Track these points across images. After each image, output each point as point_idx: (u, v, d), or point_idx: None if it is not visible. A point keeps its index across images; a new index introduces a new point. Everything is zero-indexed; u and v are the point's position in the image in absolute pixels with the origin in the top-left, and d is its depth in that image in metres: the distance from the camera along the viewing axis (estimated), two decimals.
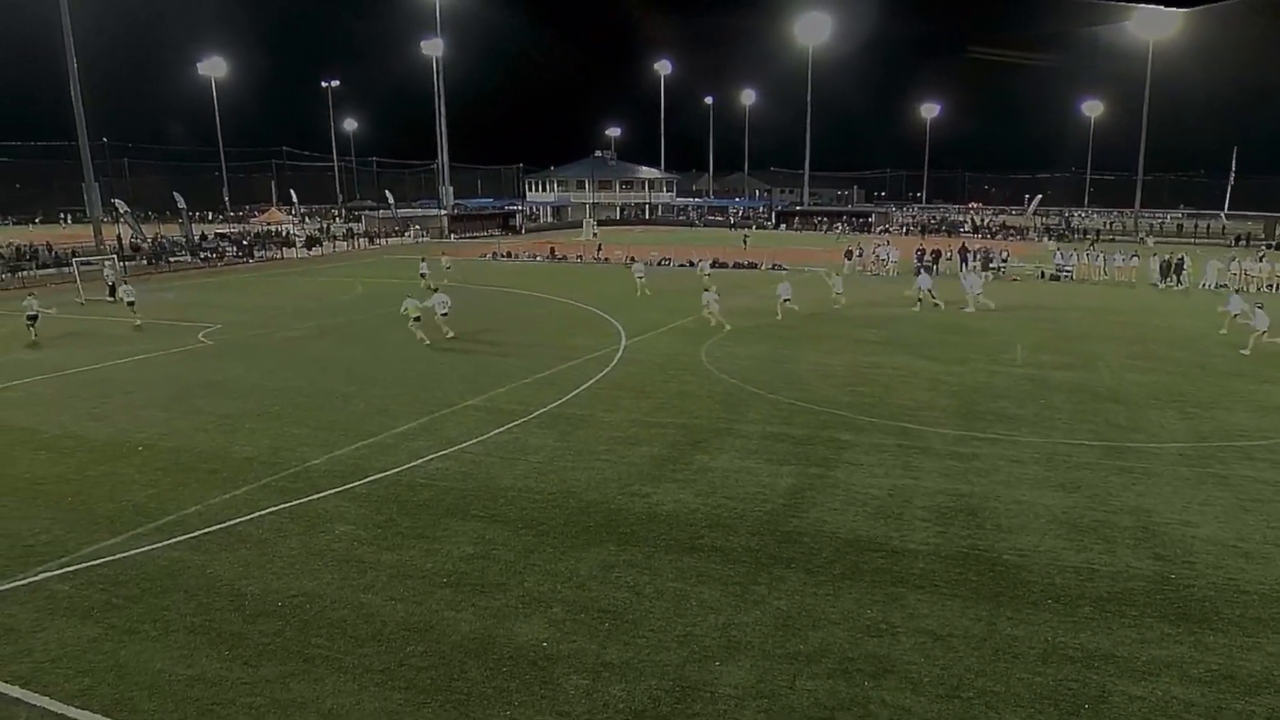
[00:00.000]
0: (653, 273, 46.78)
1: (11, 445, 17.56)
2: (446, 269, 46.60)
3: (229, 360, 25.96)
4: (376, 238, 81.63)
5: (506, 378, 22.82)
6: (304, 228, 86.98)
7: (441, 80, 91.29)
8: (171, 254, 60.64)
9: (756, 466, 15.76)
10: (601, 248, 61.84)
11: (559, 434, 17.73)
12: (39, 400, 21.32)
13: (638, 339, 28.41)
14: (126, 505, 14.20)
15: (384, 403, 20.45)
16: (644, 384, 22.09)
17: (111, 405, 20.65)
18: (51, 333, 30.45)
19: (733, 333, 29.52)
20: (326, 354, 26.73)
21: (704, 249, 58.46)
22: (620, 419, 18.81)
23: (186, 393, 21.77)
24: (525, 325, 31.70)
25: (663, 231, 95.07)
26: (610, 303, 36.52)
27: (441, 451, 16.65)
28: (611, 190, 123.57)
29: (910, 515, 13.59)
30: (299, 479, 15.29)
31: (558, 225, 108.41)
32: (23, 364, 25.65)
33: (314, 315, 34.12)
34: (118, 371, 24.61)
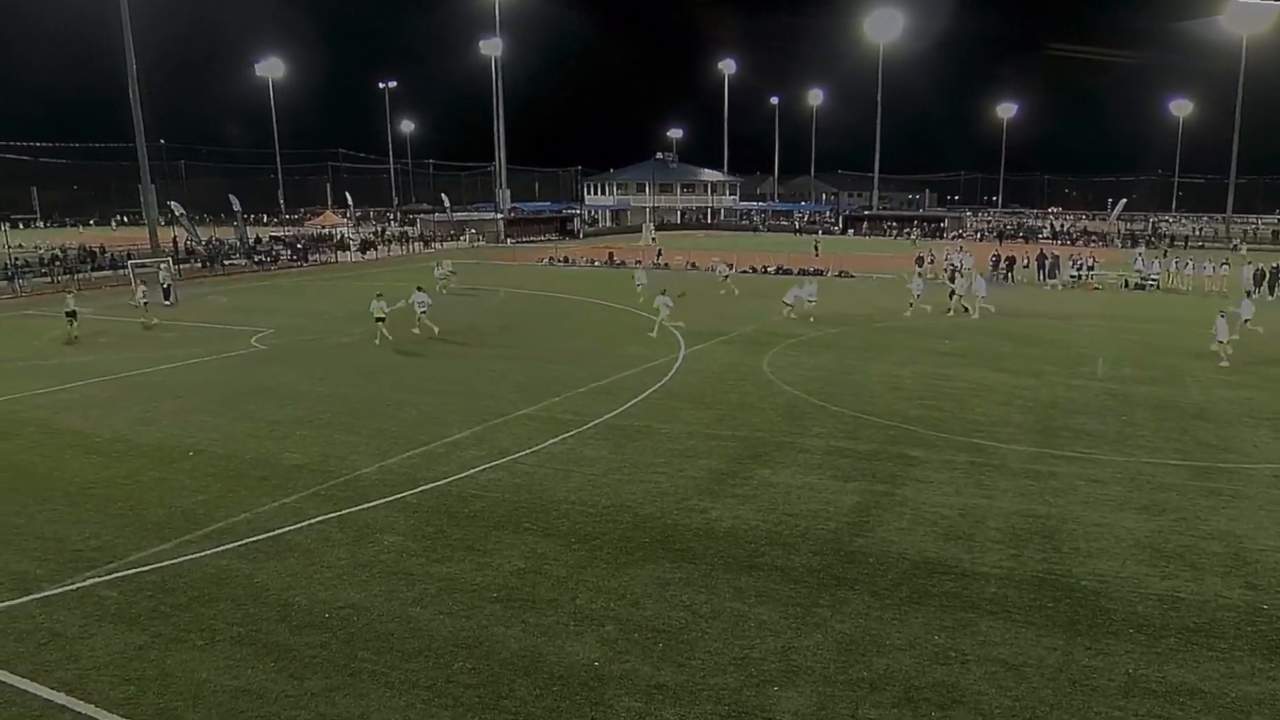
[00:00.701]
0: (715, 281, 46.70)
1: (63, 449, 18.07)
2: (446, 276, 45.72)
3: (281, 365, 26.44)
4: (432, 241, 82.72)
5: (561, 386, 22.91)
6: (358, 231, 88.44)
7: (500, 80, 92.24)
8: (226, 257, 62.05)
9: (820, 482, 15.59)
10: (661, 253, 61.83)
11: (614, 445, 17.74)
12: (91, 403, 21.91)
13: (697, 348, 28.35)
14: (176, 511, 14.51)
15: (436, 411, 20.64)
16: (703, 394, 22.02)
17: (163, 409, 21.15)
18: (105, 335, 31.30)
19: (797, 343, 29.30)
20: (377, 361, 27.08)
21: (772, 255, 58.15)
22: (678, 431, 18.76)
23: (238, 397, 22.21)
24: (581, 332, 31.81)
25: (725, 236, 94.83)
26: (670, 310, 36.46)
27: (494, 462, 16.75)
28: (672, 194, 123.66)
29: (982, 537, 13.33)
30: (349, 487, 15.49)
31: (617, 229, 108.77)
32: (76, 367, 26.40)
33: (366, 321, 34.54)
34: (170, 375, 25.21)
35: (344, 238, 78.82)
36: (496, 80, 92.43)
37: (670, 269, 57.70)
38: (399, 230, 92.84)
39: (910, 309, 35.50)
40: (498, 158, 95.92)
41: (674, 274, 54.93)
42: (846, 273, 52.19)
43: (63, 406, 21.63)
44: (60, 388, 23.65)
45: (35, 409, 21.40)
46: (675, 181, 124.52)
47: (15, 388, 23.69)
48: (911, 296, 36.04)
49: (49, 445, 18.36)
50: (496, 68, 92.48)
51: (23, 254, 57.26)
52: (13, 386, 23.83)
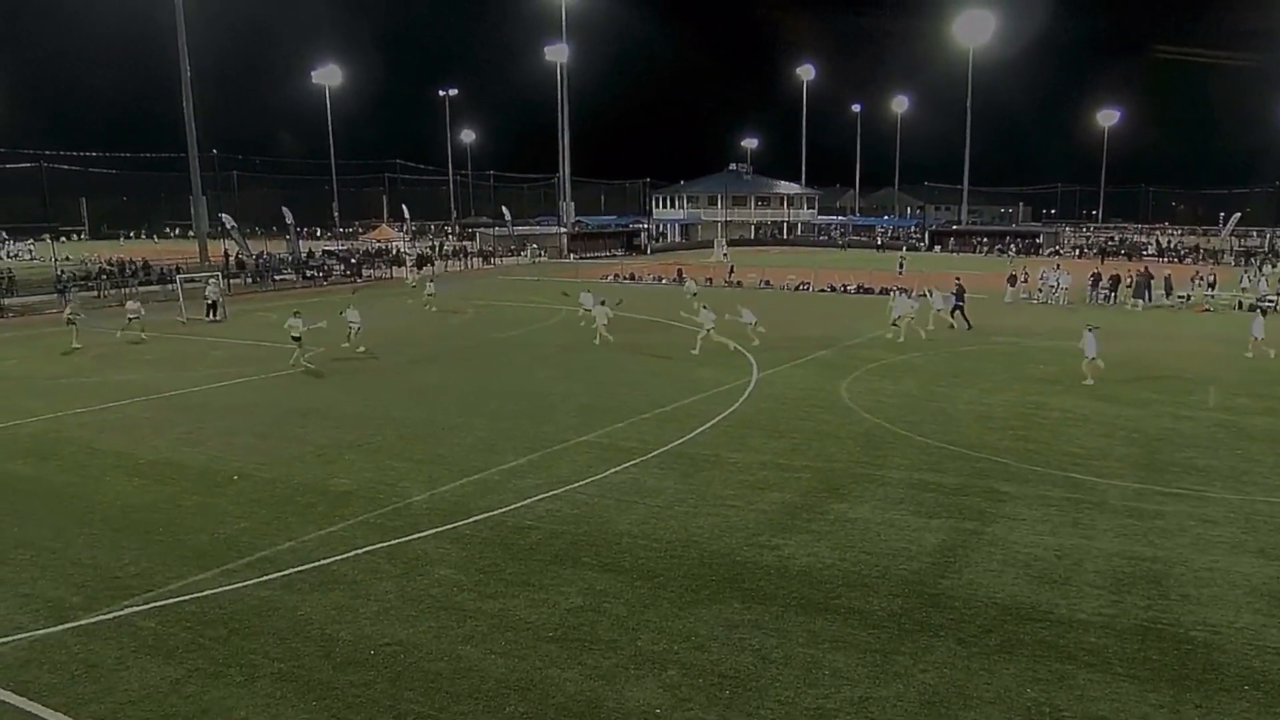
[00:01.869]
0: (790, 299, 46.44)
1: (105, 470, 18.53)
2: (429, 295, 46.32)
3: (330, 386, 26.85)
4: (492, 257, 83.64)
5: (624, 411, 22.92)
6: (415, 246, 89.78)
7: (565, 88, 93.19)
8: (276, 272, 63.38)
9: (902, 518, 15.35)
10: (734, 270, 61.74)
11: (681, 475, 17.67)
12: (134, 423, 22.47)
13: (771, 371, 28.19)
14: (219, 538, 14.76)
15: (492, 436, 20.78)
16: (776, 422, 21.87)
17: (207, 431, 21.60)
18: (149, 353, 32.14)
19: (878, 367, 28.98)
20: (433, 382, 27.38)
21: (852, 273, 57.66)
22: (749, 460, 18.64)
23: (285, 419, 22.60)
24: (647, 354, 31.81)
25: (803, 252, 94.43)
26: (742, 331, 36.32)
27: (552, 491, 16.78)
28: (746, 207, 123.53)
29: (1080, 580, 12.97)
30: (399, 516, 15.61)
31: (686, 245, 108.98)
32: (120, 385, 27.11)
33: (420, 340, 35.04)
34: (216, 395, 25.76)
35: (399, 253, 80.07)
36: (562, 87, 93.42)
37: (743, 287, 57.56)
38: (457, 244, 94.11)
39: (894, 331, 35.08)
40: (562, 169, 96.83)
41: (747, 292, 54.80)
42: (931, 292, 51.36)
43: (106, 426, 22.21)
44: (103, 406, 24.29)
45: (78, 428, 22.01)
46: (749, 194, 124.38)
47: (57, 405, 24.39)
48: (893, 315, 35.57)
49: (90, 466, 18.84)
50: (562, 75, 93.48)
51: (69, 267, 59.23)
52: (55, 404, 24.54)
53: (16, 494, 17.29)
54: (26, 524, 15.60)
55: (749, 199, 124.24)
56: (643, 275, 63.85)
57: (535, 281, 61.37)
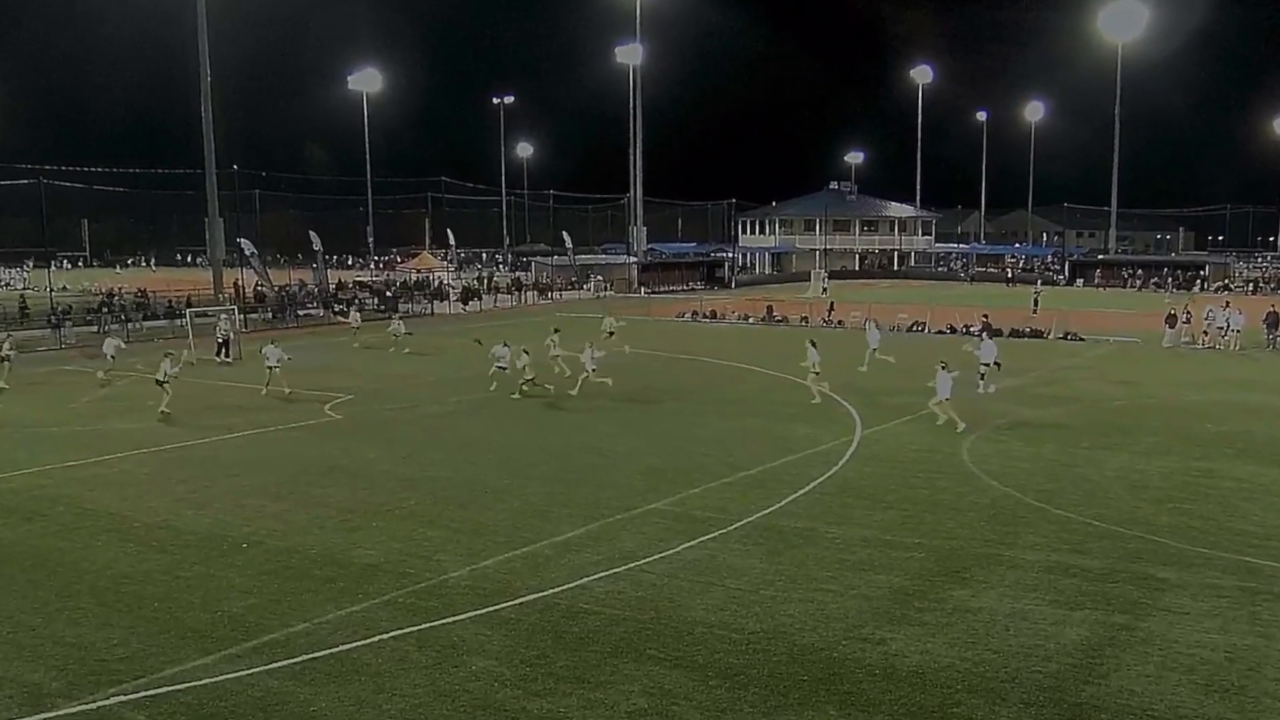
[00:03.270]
0: (902, 343, 46.06)
1: (95, 534, 18.81)
2: (406, 334, 47.46)
3: (358, 439, 27.08)
4: (549, 290, 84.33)
5: (701, 474, 22.76)
6: (460, 277, 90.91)
7: (639, 94, 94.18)
8: (300, 305, 64.59)
9: (1036, 609, 14.96)
10: (834, 307, 61.44)
11: (768, 553, 17.44)
12: (131, 480, 22.84)
13: (878, 428, 27.89)
14: (222, 617, 14.83)
15: (544, 501, 20.75)
16: (884, 489, 21.58)
17: (214, 490, 21.86)
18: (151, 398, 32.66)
19: (1008, 424, 28.46)
20: (477, 436, 27.51)
21: (975, 310, 57.00)
22: (850, 536, 18.36)
23: (304, 478, 22.81)
24: (729, 406, 31.67)
25: (916, 287, 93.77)
26: (843, 379, 36.02)
27: (613, 569, 16.64)
28: (849, 233, 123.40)
29: (1258, 690, 12.51)
30: (432, 595, 15.58)
31: (778, 277, 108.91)
32: (117, 435, 27.66)
33: (465, 387, 35.28)
34: (225, 448, 26.14)
35: (442, 284, 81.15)
36: (634, 93, 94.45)
37: (844, 327, 57.17)
38: (510, 276, 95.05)
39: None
40: (633, 188, 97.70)
41: (850, 334, 54.39)
42: (1074, 335, 50.70)
43: (98, 483, 22.60)
44: (97, 459, 24.77)
45: (67, 484, 22.44)
46: (853, 217, 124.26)
47: (47, 457, 24.92)
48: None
49: (79, 529, 19.15)
50: (635, 79, 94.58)
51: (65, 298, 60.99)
52: (44, 456, 25.08)
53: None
54: (2, 595, 15.81)
55: (853, 223, 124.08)
56: (726, 313, 63.82)
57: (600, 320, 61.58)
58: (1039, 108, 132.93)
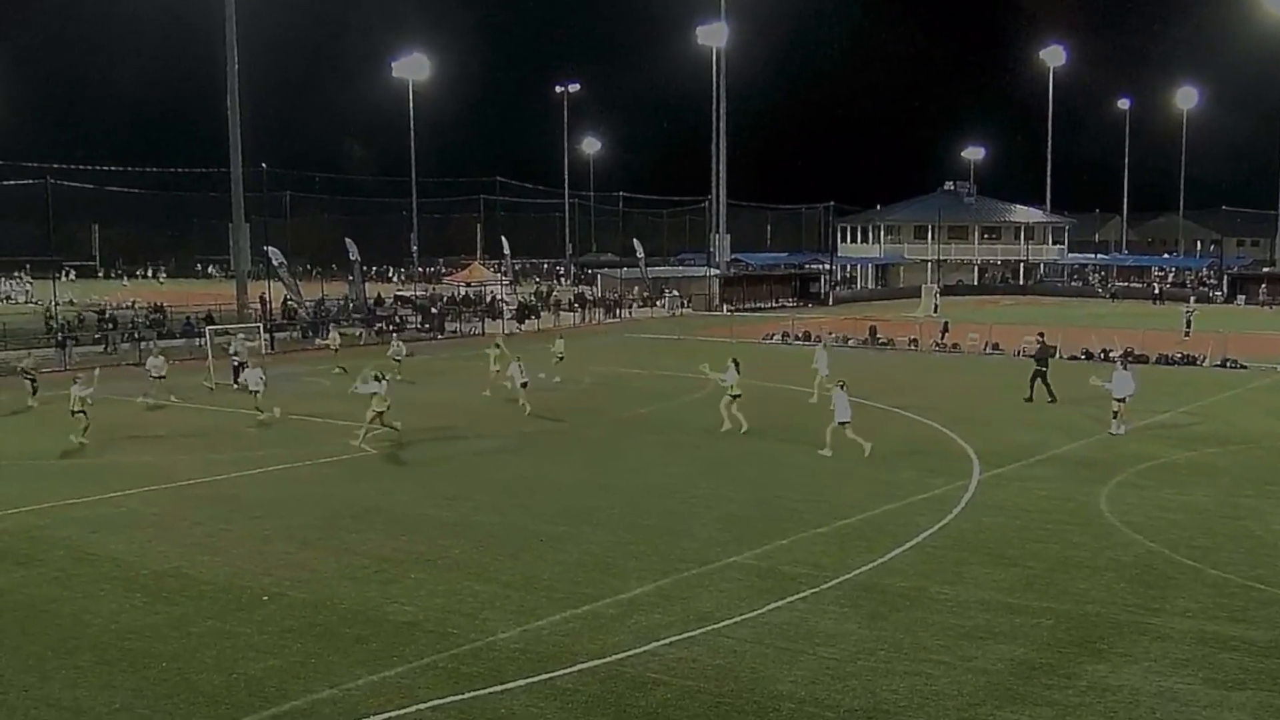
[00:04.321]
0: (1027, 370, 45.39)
1: (98, 581, 19.05)
2: (405, 357, 47.77)
3: (395, 478, 27.25)
4: (617, 307, 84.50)
5: (790, 523, 22.61)
6: (516, 291, 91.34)
7: (723, 81, 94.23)
8: (335, 322, 65.33)
9: (1188, 689, 14.65)
10: (948, 328, 60.89)
11: (867, 616, 17.25)
12: (139, 521, 23.13)
13: (998, 471, 27.57)
14: (238, 680, 14.90)
15: (607, 552, 20.70)
16: (1005, 543, 21.31)
17: (232, 534, 22.07)
18: (163, 427, 33.24)
19: (1154, 467, 27.98)
20: (530, 475, 27.58)
21: (1116, 333, 56.15)
22: (965, 598, 18.12)
23: (333, 522, 22.97)
24: (823, 442, 31.42)
25: (1046, 304, 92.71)
26: (959, 413, 35.66)
27: (687, 633, 16.52)
28: (967, 241, 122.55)
29: None
30: (477, 659, 15.56)
31: (883, 293, 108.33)
32: (125, 469, 28.08)
33: (517, 418, 35.39)
34: (245, 486, 26.41)
35: (495, 300, 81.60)
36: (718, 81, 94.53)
37: (960, 351, 56.67)
38: (573, 290, 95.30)
39: None
40: (715, 189, 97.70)
41: (965, 358, 53.95)
42: (1235, 362, 49.73)
43: (102, 523, 22.93)
44: (101, 497, 25.13)
45: (68, 525, 22.77)
46: (972, 223, 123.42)
47: (45, 494, 25.31)
48: None
49: (79, 577, 19.39)
50: (718, 63, 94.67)
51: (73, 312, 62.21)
52: (42, 493, 25.47)
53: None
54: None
55: (971, 230, 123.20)
56: (821, 334, 63.49)
57: (676, 342, 61.69)
58: (1192, 94, 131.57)
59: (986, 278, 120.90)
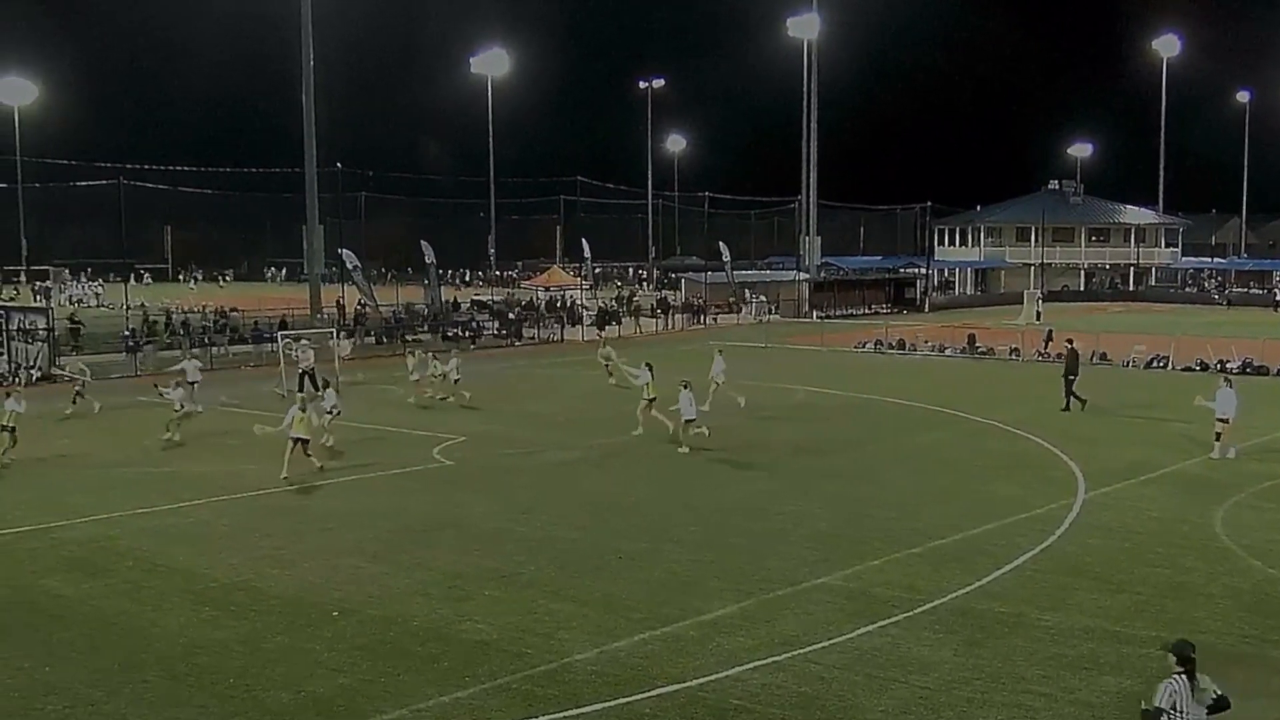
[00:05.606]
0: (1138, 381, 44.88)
1: (166, 594, 19.41)
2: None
3: (471, 490, 27.42)
4: (702, 313, 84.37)
5: (883, 543, 22.49)
6: (596, 296, 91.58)
7: (814, 75, 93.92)
8: (410, 328, 65.81)
9: None
10: (1053, 336, 60.09)
11: (963, 643, 17.10)
12: (209, 532, 23.55)
13: (1106, 489, 27.21)
14: (306, 699, 15.10)
15: (690, 570, 20.70)
16: (1112, 567, 21.03)
17: (303, 547, 22.39)
18: (234, 436, 33.63)
19: (1276, 489, 27.44)
20: (610, 489, 27.69)
21: (1232, 342, 55.24)
22: (1069, 625, 17.90)
23: (407, 535, 23.19)
24: (919, 459, 31.24)
25: (1159, 311, 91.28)
26: (1063, 427, 35.24)
27: (772, 657, 16.47)
28: (1073, 244, 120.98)
29: None
30: (552, 682, 15.61)
31: (983, 299, 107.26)
32: (195, 478, 28.56)
33: (598, 429, 35.46)
34: (318, 498, 26.80)
35: (575, 305, 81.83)
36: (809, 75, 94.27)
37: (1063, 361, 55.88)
38: (655, 295, 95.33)
39: None
40: (805, 190, 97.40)
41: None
42: None
43: (172, 535, 23.35)
44: (171, 507, 25.57)
45: (137, 535, 23.25)
46: (1078, 225, 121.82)
47: (115, 503, 25.85)
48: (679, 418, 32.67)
49: (148, 589, 19.79)
50: (810, 56, 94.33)
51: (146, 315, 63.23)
52: (112, 502, 26.02)
53: (51, 621, 18.26)
54: (60, 663, 16.37)
55: (1077, 232, 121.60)
56: (917, 342, 63.01)
57: (764, 350, 61.47)
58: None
59: (1093, 283, 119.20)
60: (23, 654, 16.71)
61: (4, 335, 49.72)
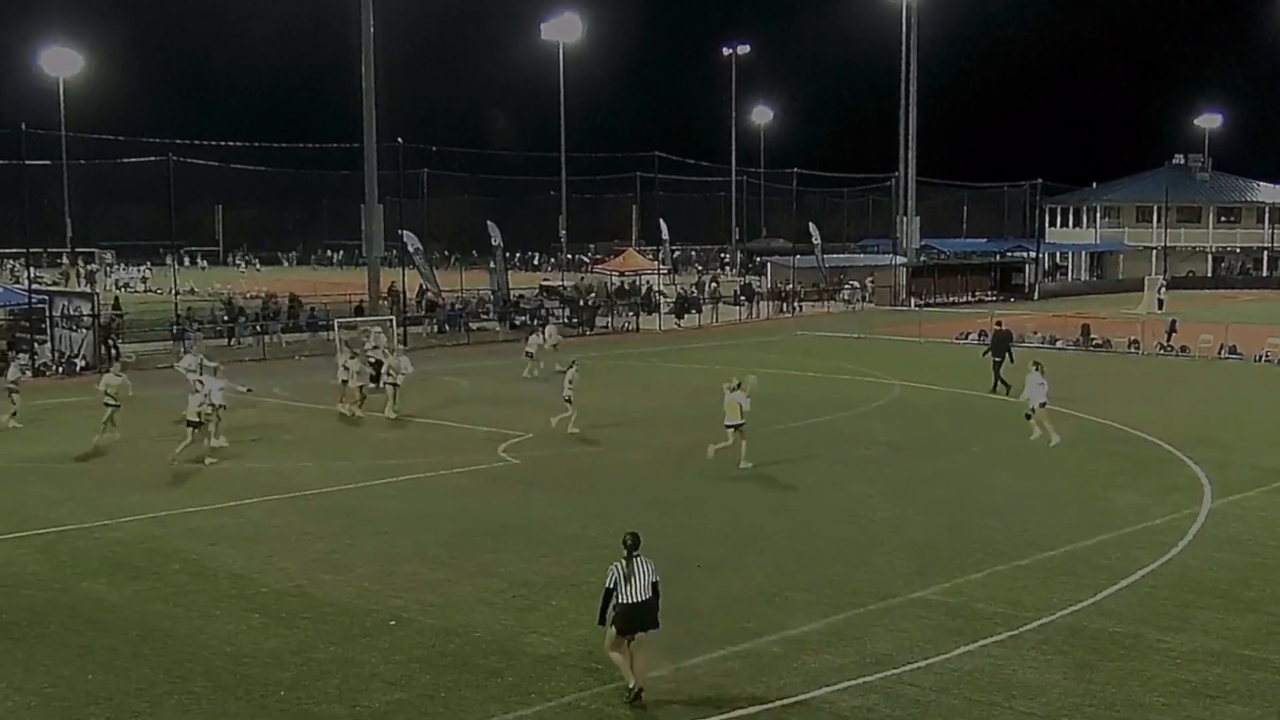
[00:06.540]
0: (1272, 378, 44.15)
1: (215, 600, 19.61)
2: None
3: (540, 490, 27.49)
4: (791, 301, 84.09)
5: (986, 554, 22.34)
6: (675, 282, 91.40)
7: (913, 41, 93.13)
8: (473, 316, 66.12)
9: None
10: (1175, 327, 59.36)
11: (1075, 665, 16.92)
12: (260, 533, 23.79)
13: (1235, 498, 26.88)
14: (361, 714, 15.18)
15: (773, 582, 20.65)
16: (1242, 584, 20.73)
17: (359, 550, 22.53)
18: (289, 431, 33.98)
19: None
20: (687, 491, 27.69)
21: None
22: (1193, 647, 17.66)
23: (469, 539, 23.29)
24: (1026, 463, 30.95)
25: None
26: (1187, 429, 34.79)
27: (863, 677, 16.39)
28: (1200, 224, 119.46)
29: None
30: (624, 701, 15.59)
31: (1099, 286, 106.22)
32: (247, 476, 28.92)
33: (676, 425, 35.45)
34: (375, 497, 26.97)
35: (652, 291, 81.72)
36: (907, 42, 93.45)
37: (1189, 354, 55.21)
38: (739, 280, 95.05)
39: None
40: (903, 166, 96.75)
41: (1195, 364, 52.61)
42: None
43: (222, 535, 23.61)
44: (220, 506, 25.85)
45: (185, 536, 23.55)
46: (1206, 204, 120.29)
47: (161, 502, 26.23)
48: None
49: (196, 593, 19.99)
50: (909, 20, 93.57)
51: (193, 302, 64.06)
52: (158, 500, 26.41)
53: (95, 626, 18.49)
54: (102, 670, 16.57)
55: (1205, 211, 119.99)
56: (1026, 333, 62.46)
57: (856, 341, 61.23)
58: None
59: (1223, 268, 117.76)
60: (63, 661, 16.95)
61: (48, 323, 50.43)
